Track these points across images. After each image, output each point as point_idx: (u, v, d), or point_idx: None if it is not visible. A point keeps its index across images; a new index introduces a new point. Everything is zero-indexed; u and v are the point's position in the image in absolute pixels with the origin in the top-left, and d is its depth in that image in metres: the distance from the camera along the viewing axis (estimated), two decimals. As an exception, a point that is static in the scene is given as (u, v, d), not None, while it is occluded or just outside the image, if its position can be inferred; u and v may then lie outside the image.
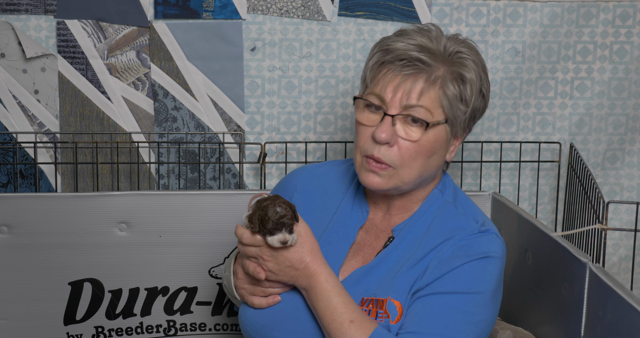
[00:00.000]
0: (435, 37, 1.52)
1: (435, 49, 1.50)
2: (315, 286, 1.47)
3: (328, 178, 1.68)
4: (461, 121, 1.52)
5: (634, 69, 2.26)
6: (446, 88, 1.48)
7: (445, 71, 1.49)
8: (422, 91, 1.47)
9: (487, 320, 1.48)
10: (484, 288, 1.47)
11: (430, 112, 1.47)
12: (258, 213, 1.43)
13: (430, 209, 1.57)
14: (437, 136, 1.50)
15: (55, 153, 2.22)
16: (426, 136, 1.48)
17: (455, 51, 1.51)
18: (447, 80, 1.48)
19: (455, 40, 1.54)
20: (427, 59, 1.48)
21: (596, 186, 1.88)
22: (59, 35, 2.17)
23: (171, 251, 2.03)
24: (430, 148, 1.50)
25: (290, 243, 1.44)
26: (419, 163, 1.50)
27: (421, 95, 1.47)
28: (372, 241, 1.59)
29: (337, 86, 2.23)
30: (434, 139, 1.49)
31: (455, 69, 1.50)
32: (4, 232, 1.98)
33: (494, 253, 1.50)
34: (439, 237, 1.52)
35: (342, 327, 1.43)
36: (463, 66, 1.51)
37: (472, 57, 1.53)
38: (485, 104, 1.57)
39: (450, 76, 1.49)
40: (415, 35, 1.52)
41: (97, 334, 2.07)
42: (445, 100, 1.48)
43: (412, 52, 1.48)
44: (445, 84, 1.48)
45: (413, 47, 1.49)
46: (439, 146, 1.51)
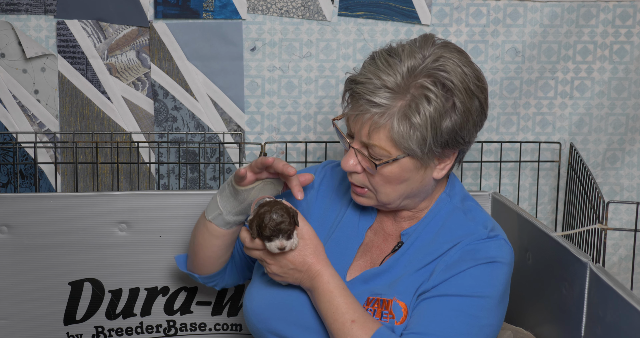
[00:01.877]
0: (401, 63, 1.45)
1: (395, 86, 1.43)
2: (318, 287, 1.47)
3: (341, 177, 1.69)
4: (426, 152, 1.46)
5: (634, 69, 2.26)
6: (392, 129, 1.43)
7: (400, 107, 1.43)
8: (370, 131, 1.45)
9: (492, 324, 1.48)
10: (490, 293, 1.47)
11: (385, 150, 1.46)
12: (256, 220, 1.44)
13: (439, 214, 1.57)
14: (402, 167, 1.47)
15: (55, 153, 2.22)
16: (387, 169, 1.47)
17: (417, 85, 1.43)
18: (394, 119, 1.43)
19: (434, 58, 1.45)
20: (383, 100, 1.43)
21: (596, 186, 1.88)
22: (59, 35, 2.17)
23: (171, 251, 2.03)
24: (397, 178, 1.48)
25: (289, 248, 1.44)
26: (390, 189, 1.50)
27: (370, 135, 1.46)
28: (381, 244, 1.60)
29: (337, 86, 2.23)
30: (398, 171, 1.47)
31: (405, 110, 1.42)
32: (4, 232, 1.98)
33: (501, 259, 1.49)
34: (448, 243, 1.52)
35: (344, 327, 1.44)
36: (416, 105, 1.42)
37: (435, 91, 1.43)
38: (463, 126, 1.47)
39: (399, 115, 1.43)
40: (383, 67, 1.45)
41: (97, 334, 2.07)
42: (395, 139, 1.44)
43: (371, 94, 1.43)
44: (392, 125, 1.43)
45: (375, 85, 1.44)
46: (408, 174, 1.48)
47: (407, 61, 1.45)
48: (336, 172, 1.71)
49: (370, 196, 1.53)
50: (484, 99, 1.50)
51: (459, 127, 1.46)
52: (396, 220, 1.59)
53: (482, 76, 1.51)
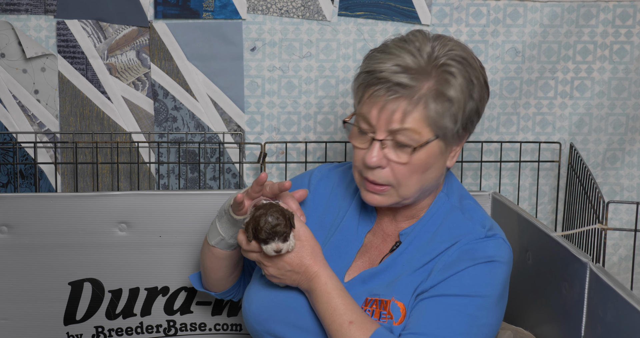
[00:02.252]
0: (418, 49, 1.48)
1: (418, 67, 1.46)
2: (315, 289, 1.47)
3: (339, 180, 1.69)
4: (453, 133, 1.49)
5: (634, 69, 2.26)
6: (429, 108, 1.45)
7: (428, 88, 1.45)
8: (404, 114, 1.44)
9: (491, 324, 1.48)
10: (489, 292, 1.47)
11: (417, 133, 1.45)
12: (252, 223, 1.44)
13: (437, 214, 1.57)
14: (430, 152, 1.48)
15: (55, 153, 2.22)
16: (417, 156, 1.47)
17: (439, 64, 1.47)
18: (429, 99, 1.44)
19: (441, 45, 1.50)
20: (409, 81, 1.44)
21: (596, 186, 1.88)
22: (59, 35, 2.17)
23: (171, 251, 2.03)
24: (424, 165, 1.48)
25: (285, 250, 1.44)
26: (415, 179, 1.49)
27: (404, 118, 1.44)
28: (379, 244, 1.60)
29: (337, 86, 2.23)
30: (425, 157, 1.48)
31: (438, 87, 1.45)
32: (4, 232, 1.98)
33: (499, 258, 1.49)
34: (446, 242, 1.52)
35: (342, 328, 1.44)
36: (445, 81, 1.46)
37: (458, 66, 1.48)
38: (482, 104, 1.53)
39: (432, 93, 1.45)
40: (399, 52, 1.48)
41: (97, 334, 2.07)
42: (431, 118, 1.45)
43: (394, 76, 1.45)
44: (428, 104, 1.44)
45: (395, 68, 1.46)
46: (434, 160, 1.49)
47: (424, 47, 1.48)
48: (333, 175, 1.70)
49: (390, 193, 1.51)
50: (486, 78, 1.55)
51: (479, 102, 1.51)
52: (395, 220, 1.59)
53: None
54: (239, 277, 1.75)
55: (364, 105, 1.49)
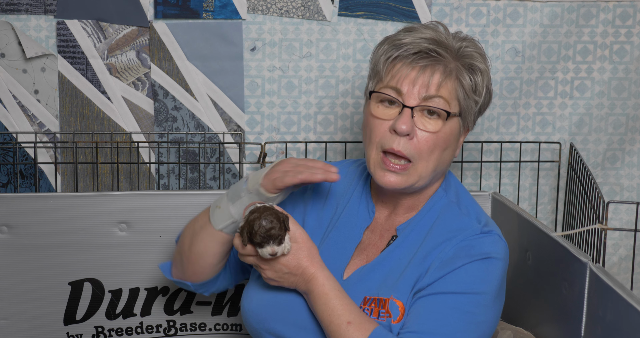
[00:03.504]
0: (443, 32, 1.56)
1: (446, 43, 1.53)
2: (313, 290, 1.47)
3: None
4: (472, 114, 1.56)
5: (634, 69, 2.26)
6: (462, 79, 1.51)
7: (456, 64, 1.52)
8: (440, 82, 1.50)
9: (489, 321, 1.48)
10: (486, 289, 1.47)
11: (448, 103, 1.50)
12: (246, 227, 1.44)
13: (433, 208, 1.57)
14: (452, 128, 1.53)
15: (55, 153, 2.22)
16: (444, 127, 1.51)
17: (462, 46, 1.54)
18: (462, 71, 1.52)
19: (458, 38, 1.57)
20: (441, 50, 1.51)
21: (596, 186, 1.88)
22: (59, 35, 2.17)
23: (171, 251, 2.03)
24: (446, 140, 1.52)
25: (280, 253, 1.44)
26: (436, 155, 1.52)
27: (440, 86, 1.50)
28: (377, 241, 1.60)
29: (337, 86, 2.23)
30: (449, 132, 1.52)
31: (467, 61, 1.53)
32: (4, 232, 1.98)
33: (496, 254, 1.50)
34: (441, 237, 1.52)
35: (341, 329, 1.44)
36: (472, 58, 1.54)
37: (479, 51, 1.56)
38: (490, 98, 1.60)
39: (463, 67, 1.52)
40: (424, 30, 1.55)
41: (97, 334, 2.07)
42: (461, 91, 1.52)
43: (425, 44, 1.51)
44: (462, 75, 1.52)
45: (424, 40, 1.52)
46: (453, 138, 1.54)
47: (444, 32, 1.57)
48: None
49: (408, 172, 1.51)
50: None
51: (486, 105, 1.60)
52: (395, 213, 1.59)
53: None
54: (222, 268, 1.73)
55: (394, 77, 1.52)
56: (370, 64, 1.61)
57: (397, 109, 1.51)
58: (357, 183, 1.67)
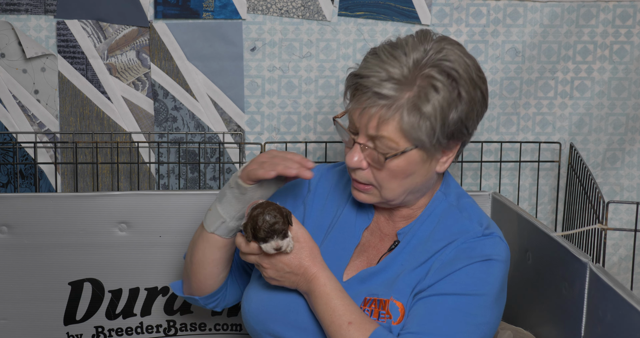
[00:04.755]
0: (405, 55, 1.46)
1: (401, 77, 1.44)
2: (314, 290, 1.47)
3: (337, 180, 1.69)
4: (432, 144, 1.47)
5: (634, 69, 2.26)
6: (402, 120, 1.43)
7: (407, 98, 1.43)
8: (379, 122, 1.45)
9: (490, 323, 1.48)
10: (487, 291, 1.47)
11: (393, 142, 1.45)
12: (250, 223, 1.44)
13: (434, 212, 1.57)
14: (409, 160, 1.47)
15: (55, 153, 2.22)
16: (394, 162, 1.47)
17: (424, 75, 1.44)
18: (404, 111, 1.43)
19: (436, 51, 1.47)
20: (389, 91, 1.43)
21: (596, 186, 1.88)
22: (59, 35, 2.17)
23: (171, 251, 2.03)
24: (403, 172, 1.48)
25: (285, 248, 1.44)
26: (396, 184, 1.49)
27: (380, 126, 1.44)
28: (377, 243, 1.60)
29: (337, 86, 2.23)
30: (405, 164, 1.47)
31: (415, 101, 1.43)
32: (4, 232, 1.98)
33: (497, 256, 1.49)
34: (443, 240, 1.52)
35: (341, 329, 1.44)
36: (425, 95, 1.43)
37: (443, 80, 1.44)
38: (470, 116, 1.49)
39: (409, 105, 1.43)
40: (386, 58, 1.46)
41: (97, 334, 2.07)
42: (405, 130, 1.44)
43: (376, 86, 1.44)
44: (402, 116, 1.43)
45: (379, 76, 1.45)
46: (415, 167, 1.48)
47: (412, 54, 1.46)
48: (332, 174, 1.71)
49: (374, 193, 1.52)
50: (485, 90, 1.52)
51: (465, 117, 1.47)
52: (393, 220, 1.59)
53: (480, 67, 1.53)
54: (226, 279, 1.73)
55: (351, 107, 1.50)
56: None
57: (352, 140, 1.50)
58: None
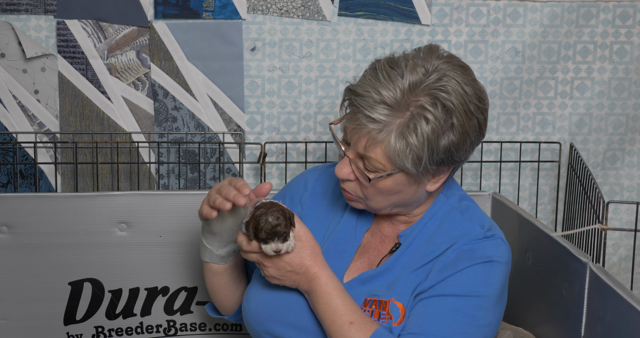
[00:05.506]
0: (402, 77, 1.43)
1: (394, 102, 1.41)
2: (315, 290, 1.47)
3: (337, 180, 1.68)
4: (421, 170, 1.45)
5: (634, 69, 2.26)
6: (390, 145, 1.42)
7: (398, 124, 1.41)
8: (367, 144, 1.43)
9: (491, 324, 1.48)
10: (488, 292, 1.47)
11: (380, 163, 1.44)
12: (252, 222, 1.44)
13: (436, 215, 1.56)
14: (396, 181, 1.46)
15: (55, 153, 2.22)
16: (380, 182, 1.46)
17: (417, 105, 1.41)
18: (391, 137, 1.41)
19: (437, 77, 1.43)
20: (380, 116, 1.41)
21: (596, 186, 1.88)
22: (59, 35, 2.17)
23: (171, 251, 2.03)
24: (390, 191, 1.48)
25: (285, 251, 1.44)
26: (381, 199, 1.49)
27: (367, 148, 1.44)
28: (378, 245, 1.59)
29: (337, 86, 2.23)
30: (391, 185, 1.46)
31: (403, 129, 1.41)
32: (4, 232, 1.98)
33: (498, 258, 1.49)
34: (445, 243, 1.51)
35: (342, 329, 1.44)
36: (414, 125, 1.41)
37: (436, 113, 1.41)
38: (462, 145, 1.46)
39: (397, 132, 1.41)
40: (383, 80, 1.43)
41: (97, 334, 2.07)
42: (391, 156, 1.43)
43: (369, 109, 1.41)
44: (390, 142, 1.41)
45: (374, 99, 1.42)
46: (401, 187, 1.47)
47: (409, 76, 1.42)
48: (330, 173, 1.70)
49: (361, 202, 1.53)
50: (483, 120, 1.49)
51: (456, 147, 1.45)
52: (393, 222, 1.59)
53: (484, 95, 1.49)
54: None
55: (345, 119, 1.48)
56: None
57: (343, 151, 1.49)
58: None
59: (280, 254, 1.45)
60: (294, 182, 1.73)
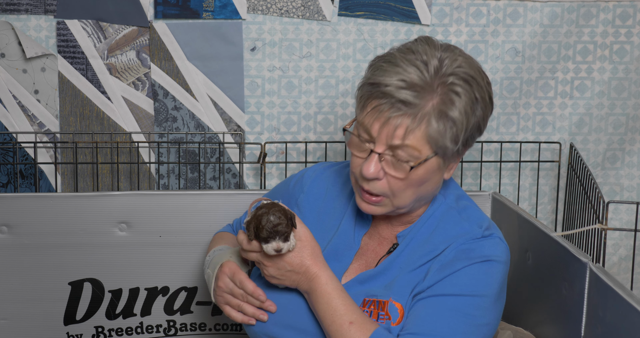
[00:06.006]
0: (425, 63, 1.45)
1: (423, 83, 1.43)
2: (315, 289, 1.47)
3: (333, 180, 1.68)
4: (453, 152, 1.47)
5: (634, 69, 2.26)
6: (431, 127, 1.42)
7: (432, 106, 1.42)
8: (406, 131, 1.42)
9: (489, 323, 1.48)
10: (486, 292, 1.47)
11: (417, 150, 1.43)
12: (254, 222, 1.44)
13: (434, 215, 1.56)
14: (427, 168, 1.46)
15: (55, 153, 2.22)
16: (414, 172, 1.45)
17: (446, 83, 1.43)
18: (432, 118, 1.42)
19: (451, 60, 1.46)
20: (414, 99, 1.41)
21: (596, 186, 1.88)
22: (59, 35, 2.17)
23: (171, 251, 2.03)
24: (420, 180, 1.47)
25: (286, 250, 1.44)
26: (411, 192, 1.48)
27: (406, 135, 1.42)
28: (376, 247, 1.59)
29: (337, 86, 2.23)
30: (423, 173, 1.46)
31: (441, 107, 1.42)
32: (4, 232, 1.98)
33: (496, 257, 1.49)
34: (443, 243, 1.51)
35: (342, 328, 1.44)
36: (450, 101, 1.43)
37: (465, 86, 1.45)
38: (485, 121, 1.51)
39: (435, 113, 1.42)
40: (405, 65, 1.44)
41: (97, 334, 2.07)
42: (431, 137, 1.43)
43: (399, 93, 1.42)
44: (430, 123, 1.42)
45: (400, 84, 1.42)
46: (431, 175, 1.48)
47: (432, 61, 1.45)
48: (327, 174, 1.69)
49: (385, 203, 1.50)
50: (492, 92, 1.53)
51: (482, 121, 1.49)
52: (392, 224, 1.59)
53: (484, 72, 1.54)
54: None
55: (367, 116, 1.45)
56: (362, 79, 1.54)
57: (368, 150, 1.47)
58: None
59: (280, 254, 1.45)
60: (291, 182, 1.73)
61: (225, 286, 1.55)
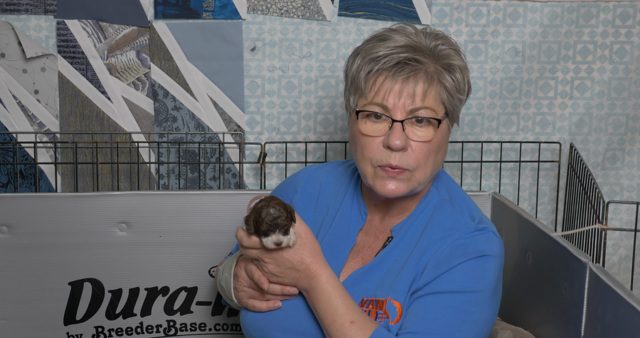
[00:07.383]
0: (414, 34, 1.54)
1: (421, 47, 1.51)
2: (316, 288, 1.47)
3: (327, 180, 1.68)
4: (458, 111, 1.55)
5: (634, 69, 2.26)
6: (445, 81, 1.50)
7: (436, 66, 1.51)
8: (425, 91, 1.48)
9: (487, 319, 1.48)
10: (482, 287, 1.47)
11: (434, 111, 1.49)
12: (253, 215, 1.44)
13: (427, 207, 1.57)
14: (443, 131, 1.53)
15: (55, 153, 2.22)
16: (436, 134, 1.50)
17: (438, 45, 1.52)
18: (442, 73, 1.50)
19: (432, 37, 1.55)
20: (419, 57, 1.49)
21: (596, 186, 1.88)
22: (59, 35, 2.17)
23: (171, 251, 2.03)
24: (439, 144, 1.52)
25: (286, 244, 1.44)
26: (431, 161, 1.52)
27: (425, 95, 1.48)
28: (372, 243, 1.60)
29: (337, 86, 2.23)
30: (441, 136, 1.52)
31: (445, 61, 1.51)
32: (4, 232, 1.98)
33: (491, 252, 1.50)
34: (436, 235, 1.52)
35: (343, 328, 1.44)
36: (449, 57, 1.52)
37: (454, 47, 1.55)
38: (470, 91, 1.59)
39: (443, 68, 1.51)
40: (396, 37, 1.52)
41: (97, 334, 2.07)
42: (445, 94, 1.51)
43: (403, 54, 1.49)
44: (443, 77, 1.50)
45: (401, 48, 1.50)
46: (445, 140, 1.54)
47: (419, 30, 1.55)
48: (320, 174, 1.70)
49: (407, 177, 1.50)
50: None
51: (468, 82, 1.57)
52: (388, 216, 1.59)
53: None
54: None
55: (378, 92, 1.49)
56: (346, 78, 1.58)
57: (386, 124, 1.49)
58: (349, 185, 1.66)
59: (281, 248, 1.45)
60: (284, 184, 1.74)
61: (244, 280, 1.55)
